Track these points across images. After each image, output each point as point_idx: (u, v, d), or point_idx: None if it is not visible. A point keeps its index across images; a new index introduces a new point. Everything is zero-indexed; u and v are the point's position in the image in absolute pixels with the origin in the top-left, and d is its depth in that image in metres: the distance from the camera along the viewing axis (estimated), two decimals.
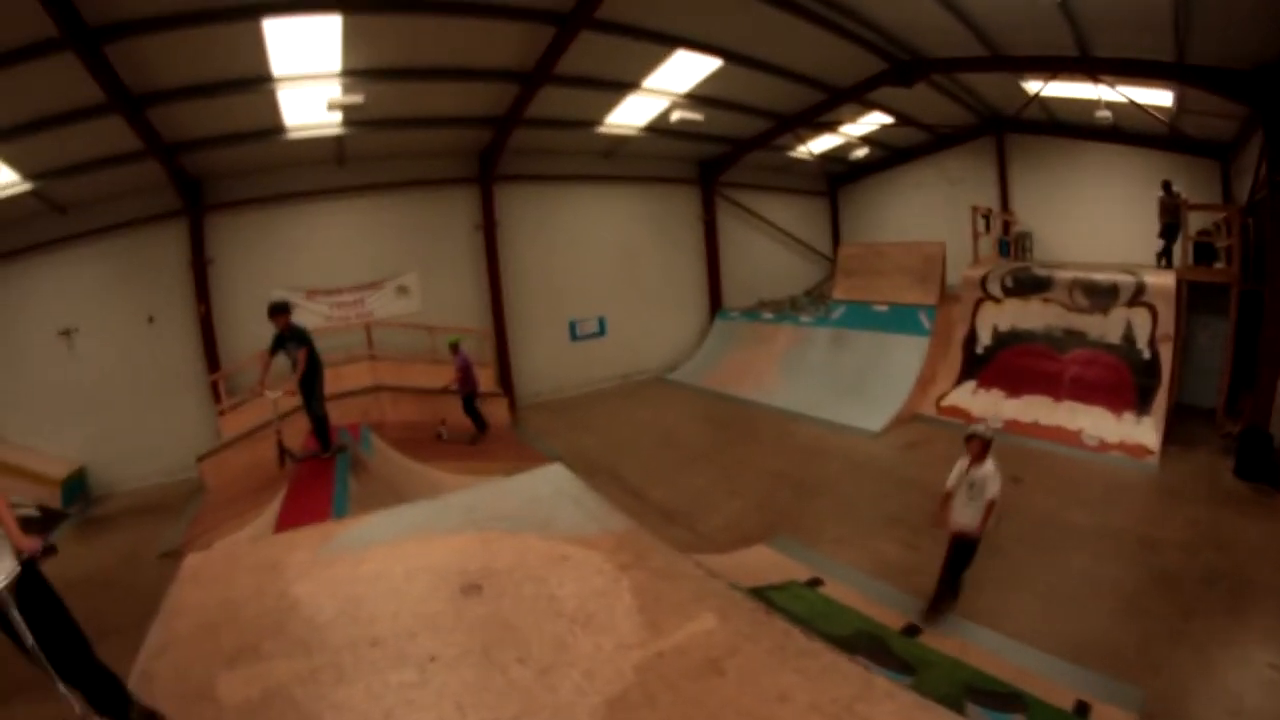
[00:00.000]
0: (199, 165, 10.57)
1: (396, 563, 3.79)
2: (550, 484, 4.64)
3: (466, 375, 10.19)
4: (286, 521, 5.43)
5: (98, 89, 7.56)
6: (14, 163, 8.65)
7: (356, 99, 9.19)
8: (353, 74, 8.97)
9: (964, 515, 5.03)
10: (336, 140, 11.00)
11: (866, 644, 4.70)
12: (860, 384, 11.09)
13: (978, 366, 10.60)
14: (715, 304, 16.45)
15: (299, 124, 10.05)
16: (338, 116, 9.90)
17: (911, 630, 5.03)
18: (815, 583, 5.60)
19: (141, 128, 8.54)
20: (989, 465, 4.98)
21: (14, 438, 9.85)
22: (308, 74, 8.76)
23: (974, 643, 4.86)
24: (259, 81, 8.67)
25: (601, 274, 14.72)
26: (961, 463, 5.07)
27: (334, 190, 12.01)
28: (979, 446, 5.02)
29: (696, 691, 2.50)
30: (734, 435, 10.35)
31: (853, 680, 2.59)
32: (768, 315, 14.68)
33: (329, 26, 7.77)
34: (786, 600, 5.09)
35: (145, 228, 10.53)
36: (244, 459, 8.94)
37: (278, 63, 8.33)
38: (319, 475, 6.76)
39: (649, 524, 6.84)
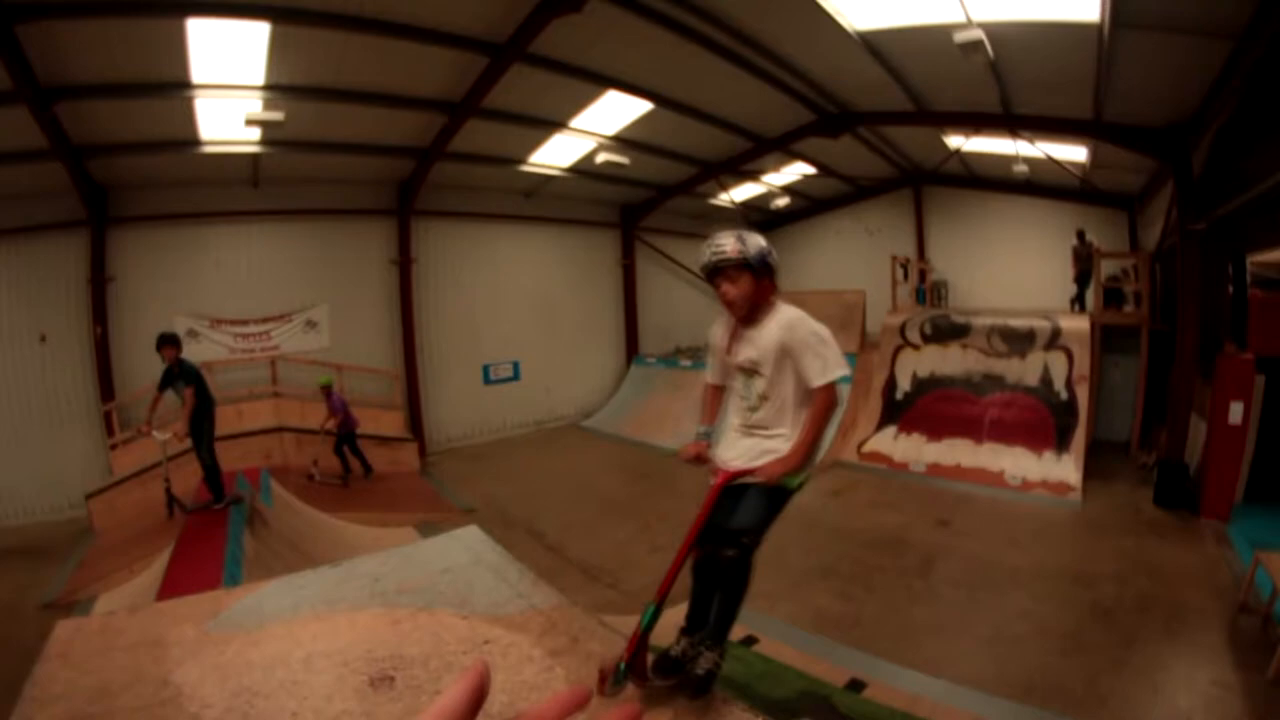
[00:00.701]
0: (107, 172, 9.76)
1: (295, 645, 3.32)
2: (466, 550, 4.21)
3: (346, 415, 9.71)
4: (173, 585, 4.79)
5: (5, 77, 6.91)
6: None
7: (277, 115, 8.74)
8: (275, 89, 8.56)
9: (739, 444, 2.83)
10: (253, 159, 10.44)
11: (812, 706, 4.48)
12: None
13: (898, 411, 10.79)
14: (632, 349, 16.40)
15: (215, 138, 9.49)
16: (256, 134, 9.36)
17: (856, 685, 4.84)
18: (750, 640, 5.35)
19: (48, 123, 7.84)
20: (788, 314, 2.72)
21: None
22: (229, 84, 8.31)
23: (922, 692, 4.71)
24: (178, 87, 8.14)
25: (518, 316, 14.44)
26: (720, 328, 2.89)
27: (247, 213, 11.36)
28: (748, 282, 2.67)
29: None
30: (654, 486, 10.13)
31: None
32: (685, 362, 14.74)
33: (256, 34, 7.35)
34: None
35: (42, 235, 9.64)
36: (136, 499, 8.14)
37: (199, 68, 7.85)
38: (211, 530, 6.08)
39: (570, 582, 6.58)
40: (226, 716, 2.95)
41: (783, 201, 17.21)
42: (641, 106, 10.34)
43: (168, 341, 6.59)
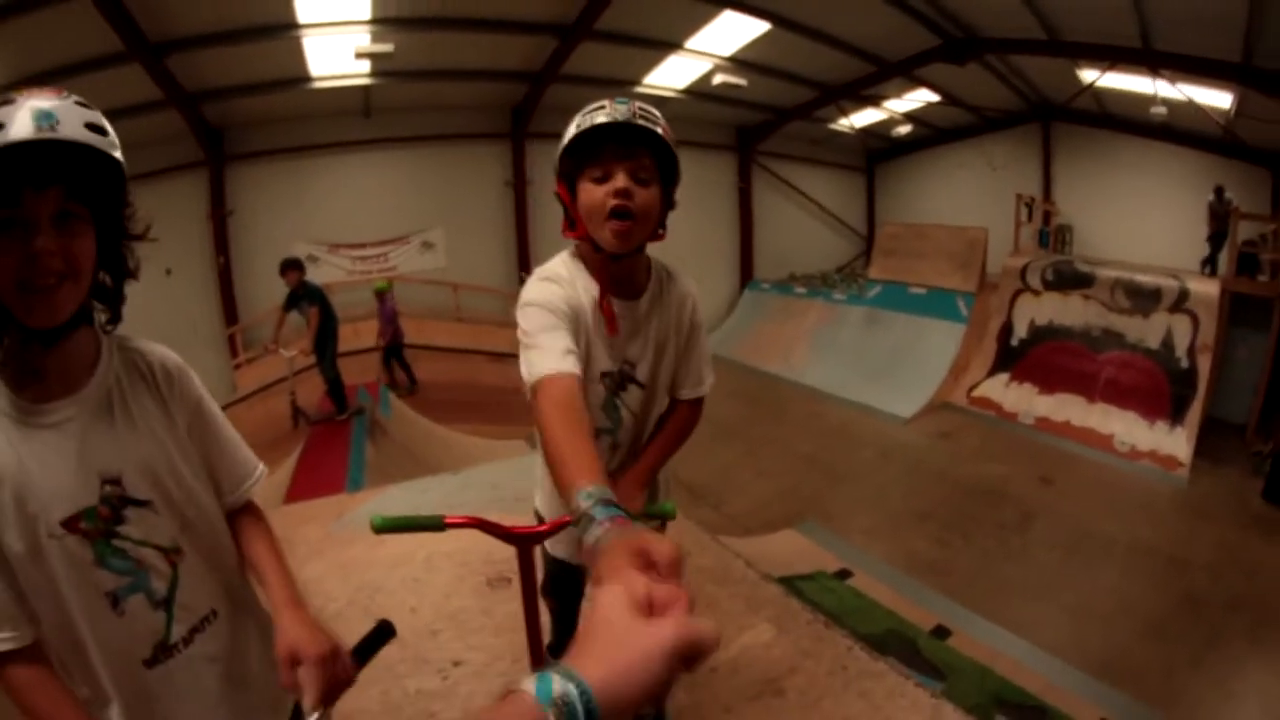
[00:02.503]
0: (221, 115, 10.33)
1: (416, 546, 3.56)
2: None
3: (395, 325, 9.64)
4: (299, 490, 5.26)
5: (115, 37, 7.33)
6: None
7: (386, 48, 8.90)
8: (382, 22, 8.69)
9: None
10: (363, 91, 10.76)
11: (897, 645, 4.54)
12: (892, 368, 10.81)
13: (1012, 359, 10.31)
14: (746, 274, 16.07)
15: (325, 73, 9.81)
16: (365, 66, 9.60)
17: (941, 632, 4.84)
18: (844, 574, 5.40)
19: (161, 77, 8.32)
20: (679, 280, 1.72)
21: None
22: (335, 21, 8.47)
23: (1003, 650, 4.69)
24: (284, 28, 8.38)
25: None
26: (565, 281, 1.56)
27: (360, 143, 11.76)
28: (657, 196, 1.50)
29: (754, 715, 2.29)
30: (762, 412, 10.14)
31: (921, 708, 2.38)
32: (800, 290, 14.30)
33: None
34: (816, 592, 4.87)
35: (164, 179, 10.25)
36: (260, 413, 8.81)
37: (305, 7, 8.04)
38: (334, 439, 6.58)
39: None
40: (349, 609, 3.22)
41: (904, 129, 16.27)
42: (759, 27, 9.93)
43: (290, 266, 7.02)
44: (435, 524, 1.55)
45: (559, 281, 1.55)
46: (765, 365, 12.32)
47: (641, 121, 1.46)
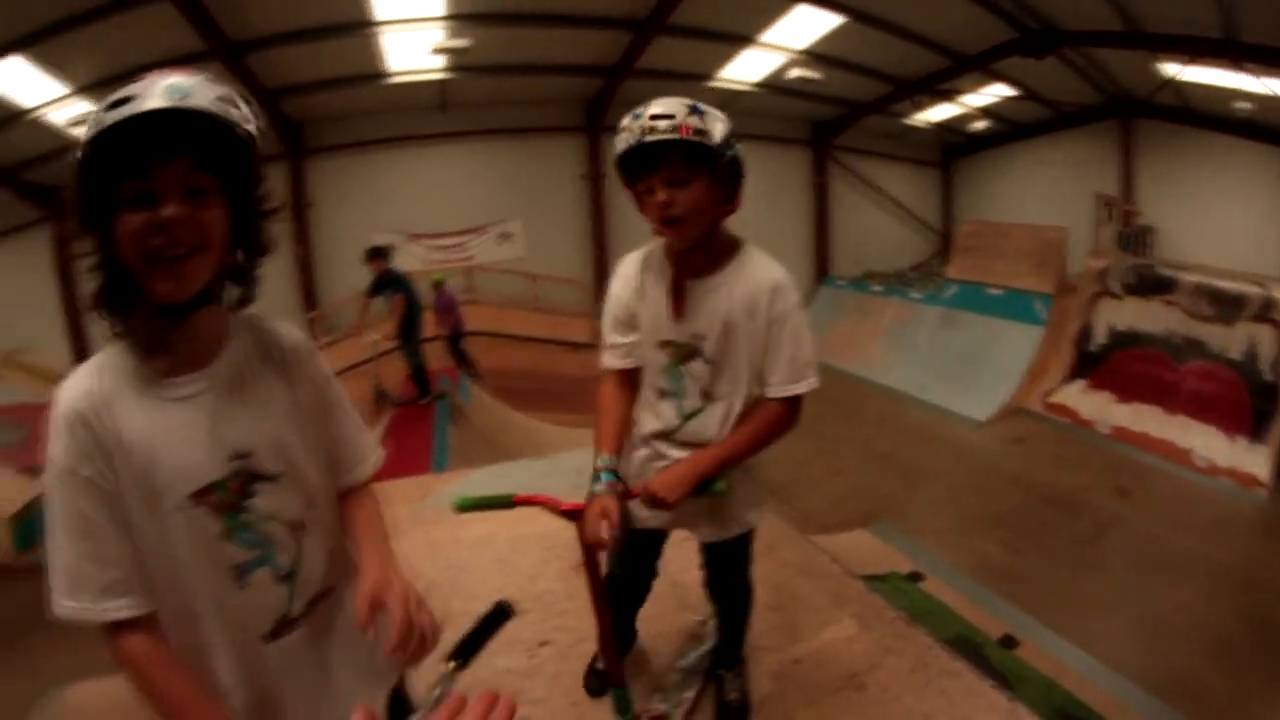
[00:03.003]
0: (300, 110, 10.77)
1: (502, 528, 3.63)
2: None
3: (454, 315, 9.71)
4: (382, 470, 5.43)
5: (196, 37, 7.73)
6: None
7: (462, 43, 9.14)
8: (458, 18, 8.91)
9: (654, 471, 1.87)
10: (440, 85, 11.06)
11: (965, 651, 4.48)
12: (968, 370, 10.55)
13: (1090, 365, 9.95)
14: (821, 271, 15.93)
15: (402, 69, 10.12)
16: (442, 61, 9.86)
17: (1008, 641, 4.78)
18: (916, 577, 5.37)
19: (241, 74, 8.72)
20: (766, 266, 1.79)
21: None
22: (412, 17, 8.74)
23: (1070, 664, 4.59)
24: (361, 26, 8.71)
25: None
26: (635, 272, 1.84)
27: (437, 136, 12.17)
28: (703, 189, 1.60)
29: (836, 708, 2.33)
30: (837, 410, 10.04)
31: (999, 710, 2.40)
32: (875, 287, 14.01)
33: None
34: (888, 593, 4.81)
35: None
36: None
37: (381, 6, 8.33)
38: (416, 422, 6.81)
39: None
40: (434, 587, 3.20)
41: (980, 125, 15.86)
42: (834, 20, 9.84)
43: (376, 254, 7.31)
44: (505, 502, 1.81)
45: (628, 277, 1.85)
46: (841, 363, 12.12)
47: (651, 138, 1.54)
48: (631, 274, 1.85)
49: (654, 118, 1.55)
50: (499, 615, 1.29)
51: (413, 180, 12.23)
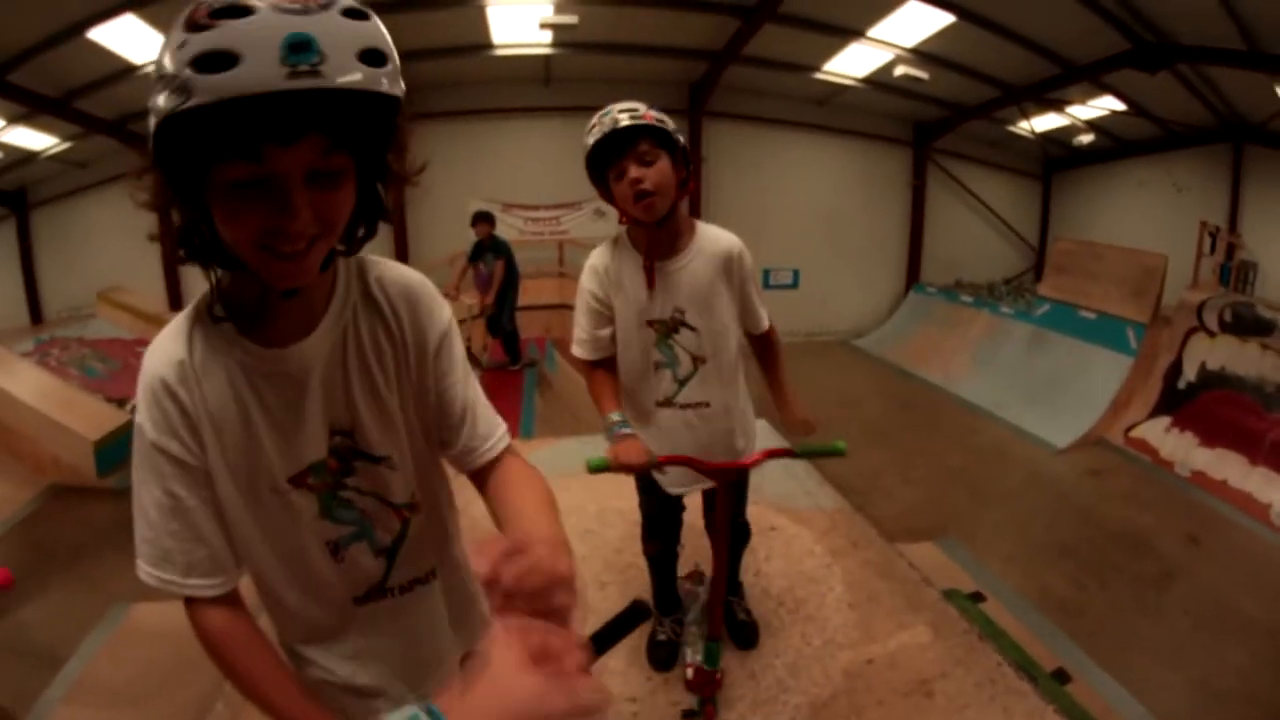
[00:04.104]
0: (406, 76, 11.01)
1: (589, 499, 3.76)
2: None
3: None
4: None
5: None
6: None
7: (570, 19, 9.24)
8: None
9: (679, 436, 2.19)
10: (545, 60, 11.25)
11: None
12: (1051, 393, 10.29)
13: (1176, 403, 9.55)
14: (913, 276, 15.61)
15: (507, 41, 10.32)
16: (548, 36, 9.98)
17: (1061, 676, 4.76)
18: (977, 597, 5.38)
19: None
20: (718, 233, 2.16)
21: None
22: None
23: (1119, 708, 4.54)
24: None
25: (801, 224, 14.32)
26: (606, 264, 2.11)
27: (538, 109, 12.37)
28: (668, 168, 1.95)
29: (903, 711, 2.44)
30: (915, 419, 10.04)
31: None
32: (966, 298, 13.68)
33: None
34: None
35: None
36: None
37: None
38: (505, 387, 7.04)
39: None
40: None
41: (1086, 138, 15.15)
42: (944, 19, 9.62)
43: (482, 218, 7.54)
44: (653, 463, 1.98)
45: (600, 271, 2.12)
46: (924, 372, 12.00)
47: (627, 121, 1.88)
48: (602, 266, 2.13)
49: (622, 111, 1.91)
50: (635, 615, 1.12)
51: (513, 151, 12.45)
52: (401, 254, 12.09)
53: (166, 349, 0.95)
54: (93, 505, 6.24)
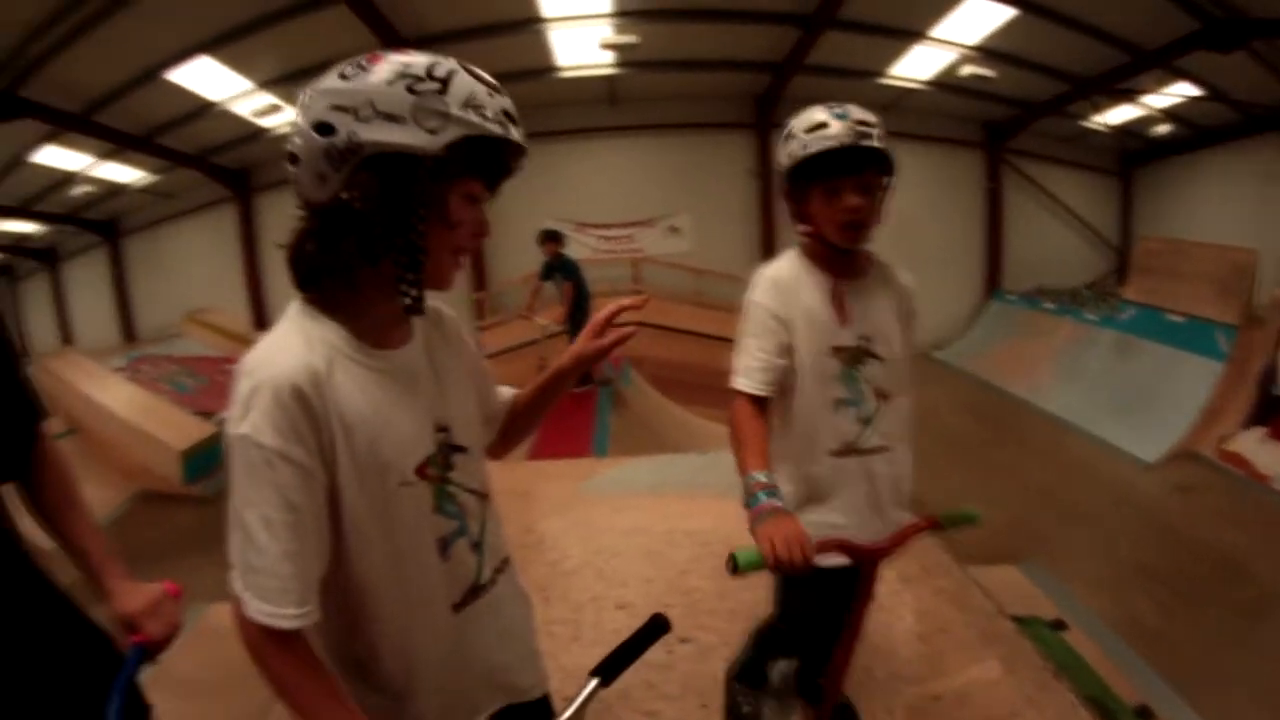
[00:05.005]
0: None
1: (658, 519, 3.73)
2: None
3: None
4: (542, 448, 5.65)
5: (371, 35, 8.42)
6: None
7: (630, 39, 9.35)
8: (625, 14, 9.16)
9: (851, 490, 1.85)
10: (609, 80, 11.43)
11: (1101, 717, 4.27)
12: (1139, 403, 9.73)
13: (1272, 411, 8.92)
14: (992, 283, 15.06)
15: (571, 64, 10.55)
16: (610, 57, 10.12)
17: (1145, 713, 4.48)
18: (1059, 625, 5.14)
19: None
20: (885, 263, 1.98)
21: None
22: (579, 14, 9.09)
23: None
24: (530, 23, 9.16)
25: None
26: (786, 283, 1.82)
27: (606, 129, 12.61)
28: (881, 199, 1.80)
29: None
30: (998, 434, 9.68)
31: None
32: (1048, 305, 13.06)
33: None
34: (1030, 637, 4.70)
35: None
36: (504, 374, 9.63)
37: (548, 4, 8.76)
38: (579, 405, 7.07)
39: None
40: (583, 569, 3.38)
41: (1163, 129, 14.31)
42: (1005, 12, 9.35)
43: (550, 238, 7.65)
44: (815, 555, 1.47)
45: (781, 286, 1.81)
46: (1006, 384, 11.53)
47: (866, 143, 1.65)
48: (783, 279, 1.84)
49: (861, 123, 1.65)
50: (655, 629, 1.27)
51: (582, 171, 12.65)
52: (478, 275, 12.43)
53: (289, 356, 0.99)
54: (177, 511, 6.61)
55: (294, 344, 1.01)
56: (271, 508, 0.95)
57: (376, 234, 0.99)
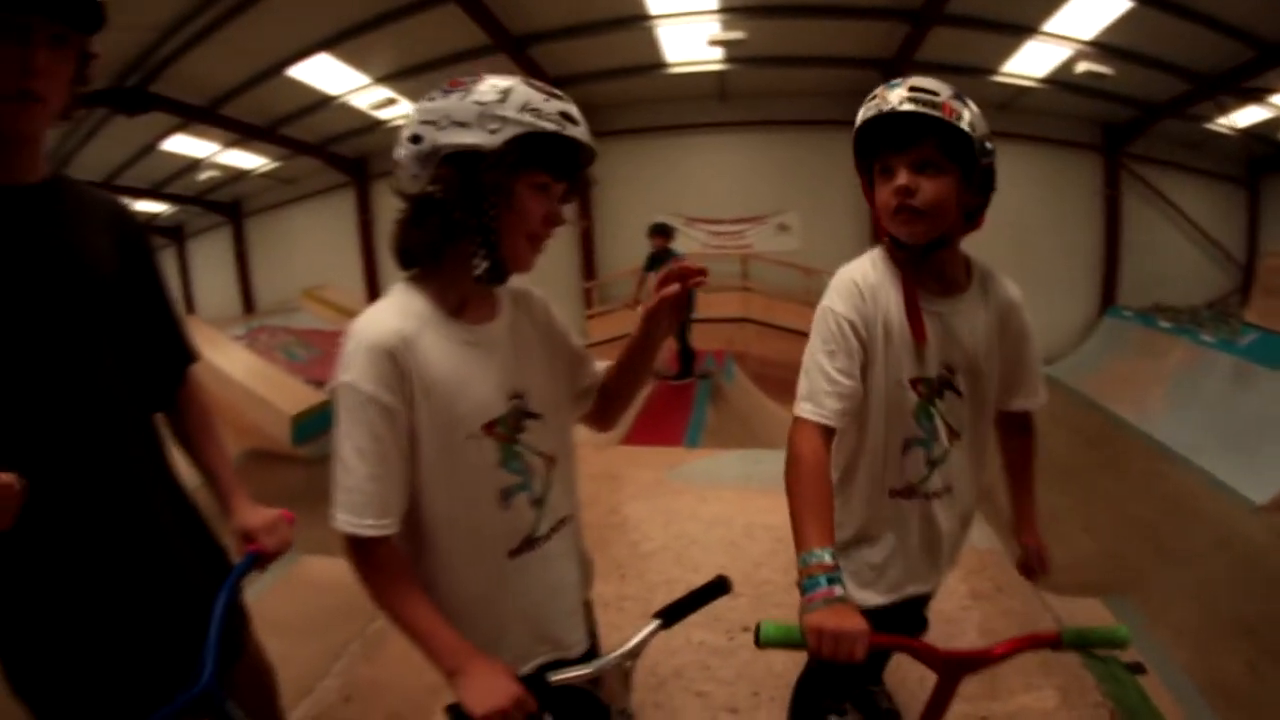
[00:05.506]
0: (584, 97, 11.44)
1: (739, 512, 3.82)
2: None
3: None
4: (636, 435, 5.83)
5: (481, 33, 8.73)
6: (414, 97, 10.53)
7: (737, 35, 9.33)
8: (732, 10, 9.15)
9: (906, 543, 1.64)
10: (718, 76, 11.46)
11: None
12: (1255, 438, 8.90)
13: None
14: (1107, 297, 14.14)
15: (680, 60, 10.64)
16: (718, 53, 10.13)
17: None
18: (1137, 668, 4.83)
19: (526, 65, 9.65)
20: (999, 278, 1.67)
21: None
22: (686, 11, 9.14)
23: None
24: (637, 19, 9.27)
25: (985, 240, 13.01)
26: (861, 288, 1.51)
27: (715, 124, 12.69)
28: (951, 186, 1.41)
29: None
30: (1102, 458, 9.14)
31: None
32: (1164, 323, 12.15)
33: None
34: (1102, 675, 4.45)
35: None
36: (607, 360, 10.00)
37: (655, 2, 8.86)
38: (675, 396, 7.19)
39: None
40: (661, 552, 3.53)
41: None
42: (1121, 4, 8.78)
43: (658, 230, 7.79)
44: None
45: (862, 289, 1.51)
46: (1114, 406, 10.84)
47: (909, 106, 1.33)
48: (866, 285, 1.52)
49: (916, 89, 1.35)
50: (716, 588, 1.38)
51: (692, 166, 12.80)
52: (588, 267, 12.79)
53: (384, 321, 1.21)
54: (285, 469, 7.13)
55: (390, 313, 1.22)
56: (363, 439, 1.17)
57: (455, 217, 1.18)
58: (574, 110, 1.20)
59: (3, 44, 1.12)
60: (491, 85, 1.18)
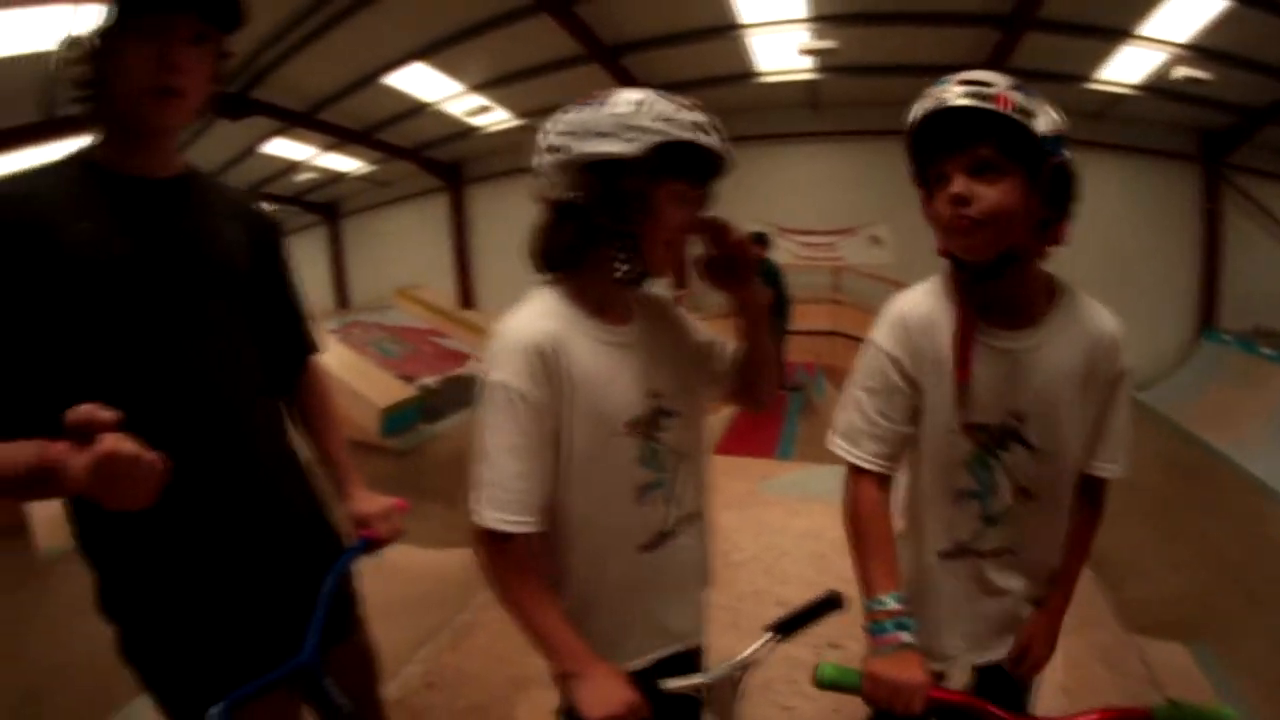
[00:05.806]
0: None
1: (831, 526, 3.71)
2: None
3: None
4: (727, 445, 5.90)
5: (574, 43, 8.92)
6: (508, 105, 11.08)
7: (828, 44, 9.31)
8: (822, 19, 9.14)
9: (966, 609, 1.47)
10: (810, 85, 11.38)
11: None
12: None
13: None
14: (1206, 319, 13.19)
15: (771, 69, 10.65)
16: (810, 62, 10.13)
17: None
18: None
19: (619, 74, 9.80)
20: (1094, 310, 1.41)
21: None
22: (777, 20, 9.17)
23: None
24: (728, 29, 9.32)
25: (1074, 256, 12.02)
26: (917, 325, 1.37)
27: (808, 134, 12.60)
28: (1018, 191, 1.20)
29: None
30: (1194, 493, 8.46)
31: None
32: (1265, 350, 11.25)
33: None
34: None
35: None
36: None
37: (746, 10, 8.90)
38: (770, 408, 7.21)
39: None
40: (752, 562, 3.61)
41: None
42: (1218, 4, 8.32)
43: (757, 239, 7.75)
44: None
45: (910, 322, 1.37)
46: (1210, 436, 10.06)
47: (961, 101, 1.17)
48: (916, 318, 1.37)
49: (969, 82, 1.19)
50: (829, 603, 1.40)
51: (783, 176, 12.59)
52: (679, 276, 12.84)
53: (532, 322, 1.26)
54: (373, 460, 7.33)
55: (538, 315, 1.27)
56: (512, 436, 1.20)
57: (595, 223, 1.23)
58: (707, 120, 1.25)
59: (147, 41, 1.16)
60: (626, 98, 1.24)
